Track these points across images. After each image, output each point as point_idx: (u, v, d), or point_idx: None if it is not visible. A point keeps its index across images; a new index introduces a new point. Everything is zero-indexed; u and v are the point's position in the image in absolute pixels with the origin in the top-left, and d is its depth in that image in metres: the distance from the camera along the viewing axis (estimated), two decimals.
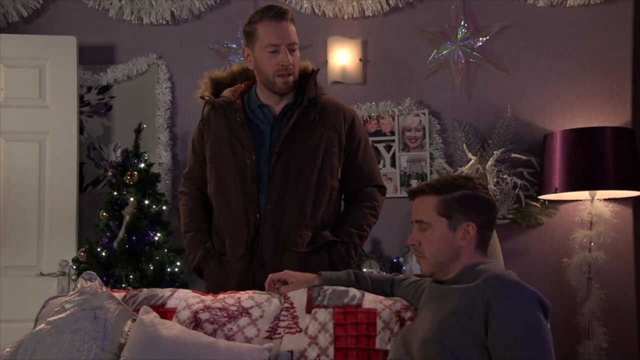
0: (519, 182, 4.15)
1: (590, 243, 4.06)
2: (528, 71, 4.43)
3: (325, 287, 2.58)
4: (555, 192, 3.97)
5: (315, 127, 2.90)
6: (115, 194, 4.17)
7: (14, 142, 4.40)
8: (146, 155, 4.25)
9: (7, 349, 2.41)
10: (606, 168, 3.93)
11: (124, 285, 4.01)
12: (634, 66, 4.33)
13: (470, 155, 4.18)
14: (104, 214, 4.17)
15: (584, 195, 4.09)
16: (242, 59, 4.48)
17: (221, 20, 4.65)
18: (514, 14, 4.45)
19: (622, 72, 4.34)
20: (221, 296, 2.63)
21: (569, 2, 4.38)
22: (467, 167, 4.15)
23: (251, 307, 2.55)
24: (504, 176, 4.13)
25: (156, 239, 4.12)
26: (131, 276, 4.03)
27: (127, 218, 4.09)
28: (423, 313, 2.25)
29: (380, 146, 4.44)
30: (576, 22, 4.41)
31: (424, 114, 4.43)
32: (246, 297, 2.60)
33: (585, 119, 4.30)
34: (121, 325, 2.43)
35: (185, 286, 4.15)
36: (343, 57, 4.47)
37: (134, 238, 4.07)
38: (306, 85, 2.94)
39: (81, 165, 4.60)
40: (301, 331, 2.47)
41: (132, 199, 4.11)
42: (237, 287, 2.78)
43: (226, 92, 3.02)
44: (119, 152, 4.51)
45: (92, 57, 4.69)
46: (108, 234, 4.13)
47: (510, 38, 4.45)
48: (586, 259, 4.04)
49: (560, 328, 4.06)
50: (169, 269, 4.14)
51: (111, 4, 4.69)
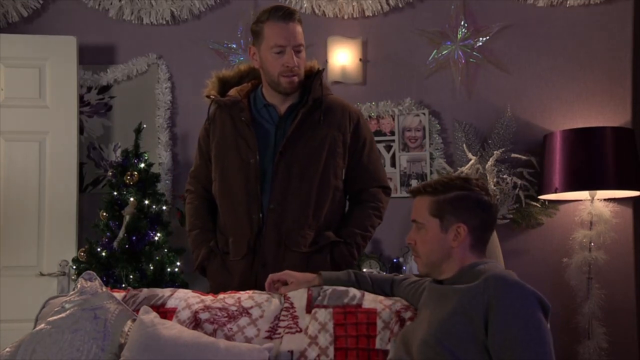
0: (519, 182, 4.15)
1: (590, 243, 4.06)
2: (528, 71, 4.43)
3: (325, 287, 2.58)
4: (555, 192, 3.97)
5: (320, 127, 2.90)
6: (115, 194, 4.17)
7: (14, 142, 4.40)
8: (146, 155, 4.25)
9: (7, 349, 2.41)
10: (606, 168, 3.93)
11: (124, 285, 4.01)
12: (633, 66, 4.33)
13: (470, 155, 4.18)
14: (104, 214, 4.17)
15: (584, 195, 4.09)
16: (242, 59, 4.55)
17: (221, 20, 4.65)
18: (514, 14, 4.45)
19: (622, 72, 4.34)
20: (221, 296, 2.63)
21: (569, 2, 4.38)
22: (467, 167, 4.15)
23: (251, 307, 2.55)
24: (504, 176, 4.14)
25: (156, 239, 4.12)
26: (131, 276, 4.03)
27: (127, 218, 4.09)
28: (423, 313, 2.25)
29: (380, 146, 4.44)
30: (576, 22, 4.41)
31: (424, 114, 4.43)
32: (246, 297, 2.60)
33: (585, 119, 4.30)
34: (121, 325, 2.43)
35: (185, 286, 4.14)
36: (343, 57, 4.47)
37: (134, 238, 4.07)
38: (311, 85, 2.94)
39: (81, 165, 4.61)
40: (301, 331, 2.47)
41: (132, 199, 4.11)
42: (240, 286, 2.77)
43: (232, 92, 3.02)
44: (119, 152, 4.51)
45: (92, 57, 4.69)
46: (108, 234, 4.13)
47: (510, 38, 4.45)
48: (586, 259, 4.04)
49: (560, 328, 4.06)
50: (169, 269, 4.14)
51: (111, 4, 4.69)
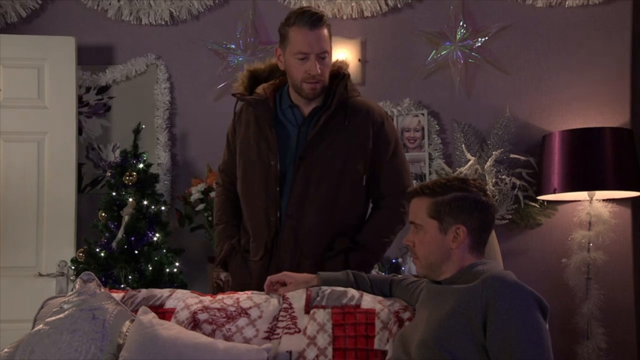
0: (517, 182, 4.15)
1: (589, 243, 4.06)
2: (527, 71, 4.43)
3: (324, 288, 2.58)
4: (554, 192, 3.97)
5: (342, 132, 2.84)
6: (114, 194, 4.16)
7: (12, 143, 4.40)
8: (145, 155, 4.24)
9: (6, 350, 2.41)
10: (605, 168, 3.93)
11: (122, 286, 4.01)
12: (632, 66, 4.33)
13: (469, 156, 4.18)
14: (103, 214, 4.17)
15: (582, 195, 4.09)
16: (242, 59, 4.55)
17: (220, 21, 4.65)
18: (513, 14, 4.45)
19: (621, 73, 4.34)
20: (220, 297, 2.63)
21: (567, 3, 4.38)
22: (465, 167, 4.15)
23: (250, 308, 2.55)
24: (503, 177, 4.13)
25: (155, 239, 4.12)
26: (130, 277, 4.03)
27: (125, 218, 4.08)
28: (421, 313, 2.26)
29: None
30: (575, 22, 4.41)
31: (422, 114, 4.43)
32: (245, 297, 2.61)
33: (584, 119, 4.30)
34: (120, 325, 2.43)
35: (184, 286, 4.15)
36: (342, 57, 4.43)
37: (132, 238, 4.07)
38: (336, 88, 2.89)
39: (80, 166, 4.61)
40: (300, 331, 2.47)
41: (130, 199, 4.11)
42: (257, 287, 2.74)
43: (259, 89, 2.96)
44: (117, 152, 4.51)
45: (91, 58, 4.69)
46: (107, 234, 4.12)
47: (509, 38, 4.45)
48: (585, 259, 4.04)
49: (559, 328, 4.07)
50: (167, 270, 4.13)
51: (110, 4, 4.69)
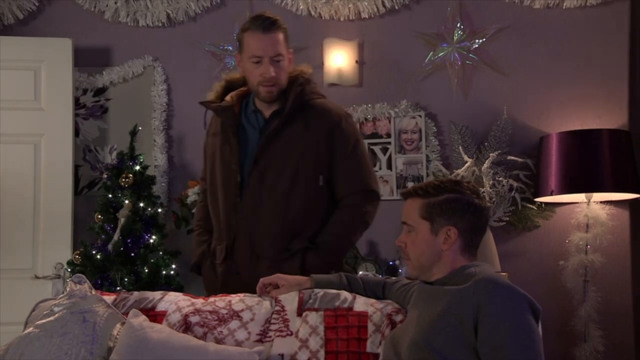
0: (515, 184, 4.13)
1: (587, 246, 4.04)
2: (524, 73, 4.41)
3: (317, 290, 2.56)
4: (551, 194, 3.95)
5: (298, 134, 2.88)
6: (110, 196, 4.15)
7: (9, 145, 4.38)
8: (141, 157, 4.23)
9: None
10: (603, 170, 3.91)
11: (118, 288, 3.99)
12: (630, 68, 4.32)
13: (466, 158, 4.16)
14: (99, 216, 4.15)
15: (580, 197, 4.07)
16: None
17: (217, 22, 4.64)
18: (511, 15, 4.43)
19: (619, 74, 4.32)
20: (212, 299, 2.62)
21: (565, 4, 4.36)
22: (463, 169, 4.13)
23: (242, 310, 2.54)
24: (500, 178, 4.11)
25: (151, 241, 4.11)
26: (126, 279, 4.01)
27: (122, 220, 4.07)
28: (411, 314, 2.25)
29: (377, 148, 4.43)
30: (573, 23, 4.39)
31: (420, 116, 4.42)
32: (237, 300, 2.59)
33: (582, 121, 4.29)
34: (110, 328, 2.42)
35: (180, 289, 4.13)
36: (339, 59, 4.46)
37: (128, 241, 4.06)
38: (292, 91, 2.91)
39: (77, 168, 4.59)
40: (292, 334, 2.46)
41: (127, 201, 4.10)
42: (222, 291, 2.76)
43: (228, 97, 3.02)
44: (114, 154, 4.50)
45: (88, 59, 4.68)
46: (103, 236, 4.11)
47: (507, 40, 4.44)
48: (582, 261, 4.02)
49: (556, 331, 4.05)
50: (164, 272, 4.12)
51: (107, 5, 4.68)
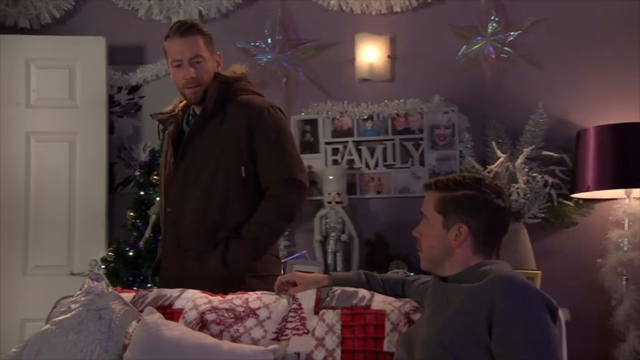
0: (550, 180, 4.03)
1: (626, 243, 3.92)
2: (561, 66, 4.29)
3: (335, 288, 2.53)
4: (588, 190, 3.84)
5: (217, 128, 2.96)
6: (142, 193, 4.17)
7: (44, 143, 4.44)
8: None
9: (13, 349, 2.42)
10: None
11: (149, 285, 4.01)
12: None
13: (499, 153, 4.07)
14: (131, 213, 4.18)
15: (619, 193, 3.95)
16: (270, 57, 4.51)
17: (249, 19, 4.62)
18: (547, 7, 4.32)
19: None
20: (229, 297, 2.60)
21: None
22: (495, 165, 4.04)
23: (259, 308, 2.52)
24: (534, 174, 4.01)
25: None
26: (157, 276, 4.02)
27: (153, 217, 4.09)
28: (426, 312, 2.21)
29: (409, 144, 4.36)
30: (612, 14, 4.26)
31: (453, 110, 4.34)
32: (254, 297, 2.57)
33: (621, 114, 4.14)
34: (126, 326, 2.42)
35: None
36: (371, 54, 4.41)
37: (159, 238, 4.06)
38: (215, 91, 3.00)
39: (112, 165, 4.63)
40: (308, 332, 2.43)
41: (158, 198, 4.11)
42: (162, 285, 2.99)
43: (171, 106, 3.23)
44: (147, 151, 4.52)
45: (123, 57, 4.70)
46: (135, 233, 4.14)
47: (543, 32, 4.33)
48: (621, 259, 3.90)
49: (594, 331, 3.93)
50: None
51: (140, 3, 4.70)
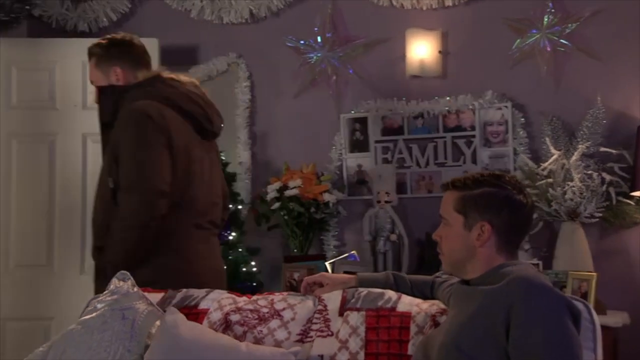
0: (608, 178, 3.85)
1: None
2: (622, 58, 4.09)
3: (361, 289, 2.46)
4: None
5: (107, 140, 3.03)
6: None
7: (96, 144, 4.50)
8: (222, 154, 4.24)
9: (41, 348, 2.44)
10: None
11: None
12: None
13: (552, 150, 3.92)
14: None
15: None
16: (320, 55, 4.47)
17: (299, 17, 4.59)
18: None
19: None
20: (255, 297, 2.57)
21: None
22: (549, 162, 3.89)
23: (283, 309, 2.47)
24: (590, 172, 3.84)
25: (230, 238, 4.12)
26: None
27: None
28: (448, 315, 2.13)
29: (461, 142, 4.25)
30: None
31: (506, 106, 4.20)
32: (280, 298, 2.53)
33: None
34: (149, 326, 2.40)
35: (260, 286, 4.13)
36: (421, 50, 4.31)
37: None
38: None
39: None
40: (332, 335, 2.37)
41: None
42: None
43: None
44: None
45: (176, 58, 4.71)
46: None
47: (603, 23, 4.13)
48: None
49: None
50: (244, 269, 4.13)
51: (193, 4, 4.73)
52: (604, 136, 3.99)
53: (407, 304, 2.38)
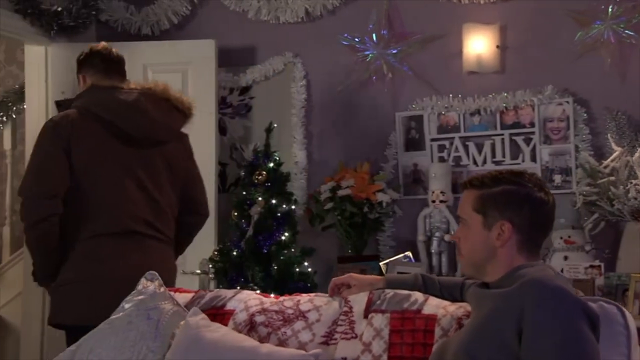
0: None
1: None
2: None
3: (388, 291, 2.38)
4: None
5: None
6: (244, 193, 4.20)
7: None
8: (276, 154, 4.24)
9: (71, 348, 2.47)
10: None
11: (250, 285, 4.02)
12: None
13: (614, 147, 3.74)
14: (235, 213, 4.21)
15: None
16: (375, 52, 4.40)
17: (355, 14, 4.51)
18: None
19: None
20: (282, 298, 2.53)
21: None
22: (611, 159, 3.71)
23: (308, 311, 2.42)
24: None
25: (283, 238, 4.09)
26: (258, 276, 4.04)
27: (254, 217, 4.10)
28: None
29: (519, 139, 4.10)
30: None
31: (567, 102, 4.02)
32: (306, 299, 2.48)
33: None
34: (173, 326, 2.40)
35: (314, 287, 4.08)
36: (479, 44, 4.18)
37: (260, 238, 4.07)
38: None
39: (224, 166, 4.71)
40: (356, 337, 2.30)
41: (259, 198, 4.12)
42: None
43: None
44: (251, 151, 4.56)
45: (235, 59, 4.77)
46: (238, 233, 4.17)
47: None
48: None
49: None
50: (297, 269, 4.09)
51: (250, 4, 4.73)
52: None
53: (433, 306, 2.29)
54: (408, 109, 4.36)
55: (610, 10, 3.98)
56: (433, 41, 4.33)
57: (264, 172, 4.14)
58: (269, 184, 4.16)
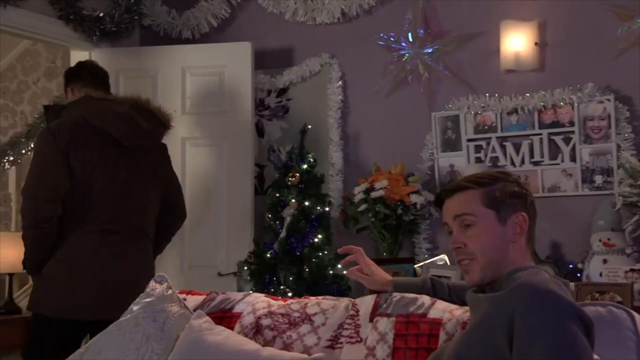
0: None
1: None
2: None
3: (395, 294, 2.32)
4: None
5: None
6: (278, 195, 4.18)
7: (197, 148, 4.60)
8: (310, 156, 4.22)
9: (81, 349, 2.48)
10: None
11: (282, 288, 4.00)
12: None
13: None
14: (269, 215, 4.20)
15: None
16: (411, 52, 4.33)
17: (391, 14, 4.45)
18: None
19: None
20: (289, 301, 2.49)
21: None
22: None
23: (315, 314, 2.37)
24: None
25: (316, 240, 4.06)
26: (290, 278, 4.01)
27: (287, 219, 4.08)
28: None
29: (558, 138, 3.97)
30: None
31: (608, 100, 3.88)
32: (313, 302, 2.43)
33: None
34: (179, 329, 2.37)
35: (348, 289, 4.04)
36: (517, 42, 4.06)
37: (292, 240, 4.05)
38: None
39: (262, 168, 4.70)
40: (361, 341, 2.25)
41: (292, 200, 4.09)
42: None
43: None
44: (285, 153, 4.55)
45: (272, 61, 4.76)
46: (271, 235, 4.15)
47: None
48: None
49: None
50: (331, 272, 4.05)
51: (287, 6, 4.72)
52: None
53: (440, 309, 2.21)
54: (444, 109, 4.28)
55: None
56: (470, 39, 4.23)
57: (297, 174, 4.13)
58: (302, 185, 4.15)
